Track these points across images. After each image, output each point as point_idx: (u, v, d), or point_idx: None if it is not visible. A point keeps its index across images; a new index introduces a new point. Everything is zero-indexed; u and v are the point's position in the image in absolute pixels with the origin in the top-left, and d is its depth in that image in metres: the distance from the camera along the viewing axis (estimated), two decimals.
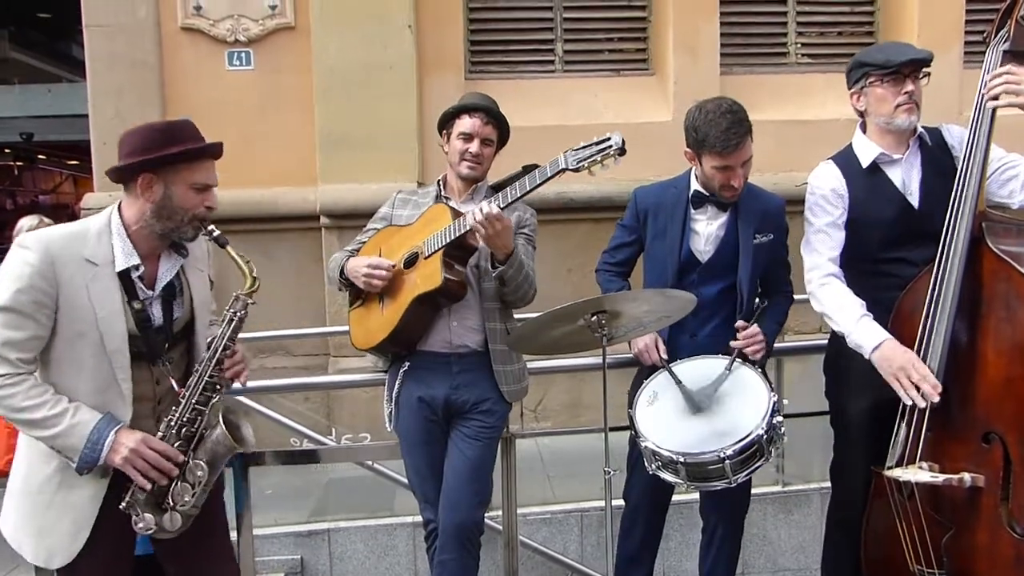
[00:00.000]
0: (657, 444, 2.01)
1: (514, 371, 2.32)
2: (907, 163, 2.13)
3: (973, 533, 1.91)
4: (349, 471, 3.48)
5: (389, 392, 2.34)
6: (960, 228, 1.92)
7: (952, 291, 1.90)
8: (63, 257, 1.71)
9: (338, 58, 4.50)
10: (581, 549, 3.40)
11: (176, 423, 1.79)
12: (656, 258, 2.34)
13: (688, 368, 2.20)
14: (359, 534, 3.35)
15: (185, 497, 1.77)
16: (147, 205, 1.77)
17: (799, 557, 3.49)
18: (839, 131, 2.62)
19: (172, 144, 1.76)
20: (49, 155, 11.70)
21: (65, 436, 1.68)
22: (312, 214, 4.59)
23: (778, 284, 2.40)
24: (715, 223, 2.29)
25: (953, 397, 1.92)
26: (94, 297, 1.72)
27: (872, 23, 5.12)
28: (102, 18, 4.57)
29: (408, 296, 2.18)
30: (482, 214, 2.03)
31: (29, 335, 1.68)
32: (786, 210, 2.40)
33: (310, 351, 4.69)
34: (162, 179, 1.75)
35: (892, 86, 2.08)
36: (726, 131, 2.13)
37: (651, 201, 2.36)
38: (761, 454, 1.99)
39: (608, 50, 4.99)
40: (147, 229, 1.78)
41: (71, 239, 1.75)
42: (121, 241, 1.77)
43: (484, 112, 2.28)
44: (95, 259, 1.74)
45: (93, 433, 1.69)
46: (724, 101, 2.21)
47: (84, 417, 1.70)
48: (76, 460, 1.70)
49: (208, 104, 4.62)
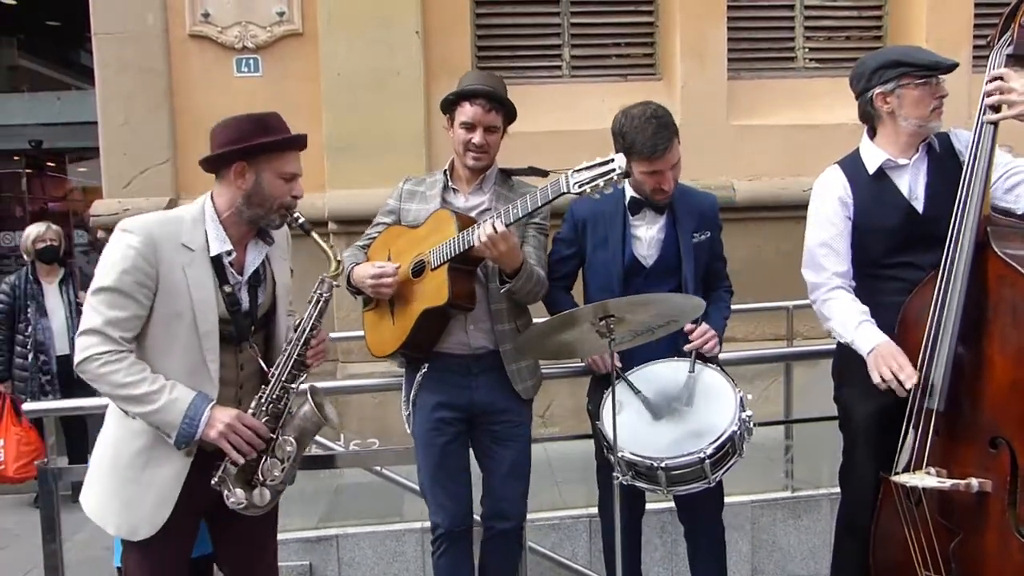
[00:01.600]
0: (634, 452, 1.98)
1: (528, 367, 2.30)
2: (914, 168, 2.12)
3: (981, 538, 1.90)
4: (358, 477, 3.47)
5: (406, 395, 2.33)
6: (965, 233, 1.92)
7: (957, 296, 1.90)
8: (163, 241, 1.79)
9: (346, 64, 4.52)
10: (590, 555, 3.39)
11: (266, 401, 1.87)
12: (599, 267, 2.34)
13: (646, 374, 2.20)
14: (368, 540, 3.35)
15: (275, 472, 1.84)
16: (239, 192, 1.84)
17: (809, 563, 3.48)
18: (846, 136, 2.61)
19: (264, 134, 1.85)
20: (58, 162, 11.79)
21: (164, 412, 1.74)
22: (320, 220, 4.59)
23: (718, 279, 2.43)
24: (654, 227, 2.30)
25: (960, 402, 1.92)
26: (191, 280, 1.80)
27: (880, 27, 5.11)
28: (111, 26, 4.60)
29: (417, 308, 2.16)
30: (486, 236, 2.00)
31: (131, 314, 1.76)
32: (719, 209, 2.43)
33: None
34: (254, 168, 1.84)
35: (930, 88, 2.07)
36: (652, 136, 2.14)
37: (587, 212, 2.35)
38: (735, 451, 2.00)
39: (615, 55, 5.00)
40: (237, 216, 1.86)
41: (170, 224, 1.83)
42: (215, 227, 1.85)
43: (485, 98, 2.19)
44: (191, 244, 1.82)
45: (190, 409, 1.76)
46: (649, 106, 2.21)
47: (181, 394, 1.77)
48: (174, 435, 1.76)
49: (216, 111, 4.59)
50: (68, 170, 12.12)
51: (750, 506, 3.43)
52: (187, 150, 4.68)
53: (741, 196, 4.72)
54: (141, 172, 4.65)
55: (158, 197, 4.63)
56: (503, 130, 2.27)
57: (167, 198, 4.61)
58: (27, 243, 4.70)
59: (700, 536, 2.43)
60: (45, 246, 4.66)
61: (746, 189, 4.74)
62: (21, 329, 4.64)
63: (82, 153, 10.93)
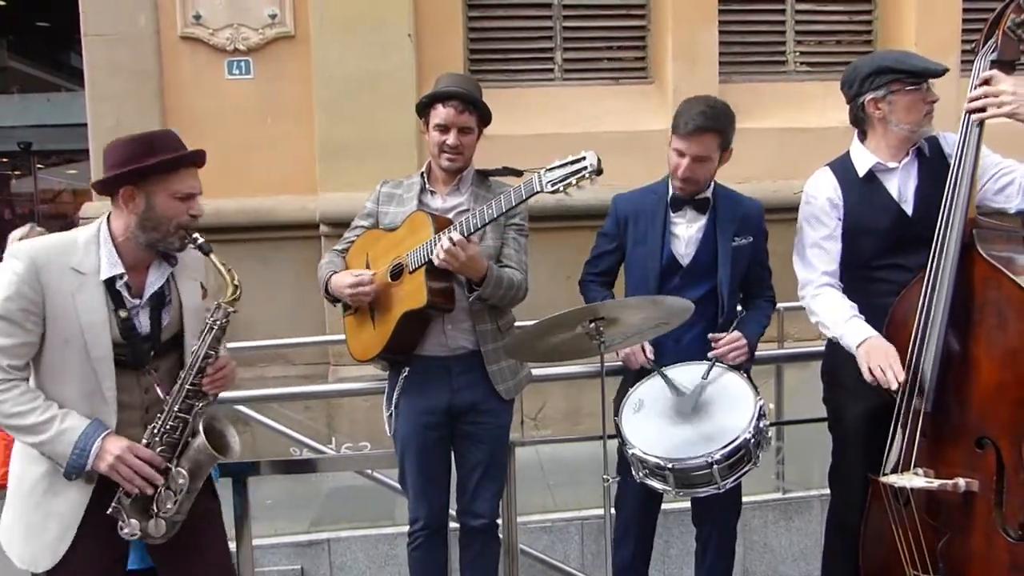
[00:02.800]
0: (644, 451, 2.00)
1: (509, 367, 2.30)
2: (904, 171, 2.14)
3: (968, 538, 1.92)
4: (349, 480, 3.46)
5: (389, 398, 2.34)
6: (951, 235, 1.93)
7: (944, 298, 1.91)
8: (49, 266, 1.75)
9: (338, 67, 4.52)
10: (582, 557, 3.39)
11: (160, 430, 1.81)
12: (638, 264, 2.34)
13: (673, 373, 2.20)
14: (359, 543, 3.34)
15: (167, 504, 1.79)
16: (131, 217, 1.79)
17: (800, 564, 3.49)
18: (838, 139, 2.63)
19: (150, 155, 1.78)
20: (48, 164, 11.72)
21: (53, 442, 1.72)
22: (312, 222, 4.59)
23: (760, 288, 2.40)
24: (694, 226, 2.30)
25: (947, 403, 1.93)
26: (79, 305, 1.75)
27: (870, 32, 5.15)
28: (101, 27, 4.58)
29: (397, 311, 2.17)
30: (443, 251, 2.00)
31: (19, 342, 1.72)
32: (765, 215, 2.41)
33: (310, 360, 4.69)
34: (143, 190, 1.78)
35: (921, 94, 2.09)
36: (692, 116, 2.15)
37: (630, 207, 2.36)
38: (749, 459, 1.99)
39: (607, 58, 5.01)
40: (134, 240, 1.81)
41: (58, 248, 1.79)
42: (108, 251, 1.80)
43: (458, 99, 2.18)
44: (81, 268, 1.77)
45: (80, 440, 1.72)
46: (713, 99, 2.23)
47: (72, 423, 1.73)
48: (64, 466, 1.73)
49: (208, 113, 4.63)
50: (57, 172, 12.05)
51: (741, 507, 3.44)
52: None
53: None
54: None
55: None
56: (478, 132, 2.27)
57: None
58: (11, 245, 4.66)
59: (711, 540, 2.43)
60: None
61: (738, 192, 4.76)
62: None
63: (72, 155, 10.87)
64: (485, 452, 2.31)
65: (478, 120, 2.24)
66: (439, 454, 2.31)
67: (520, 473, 2.63)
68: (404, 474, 2.35)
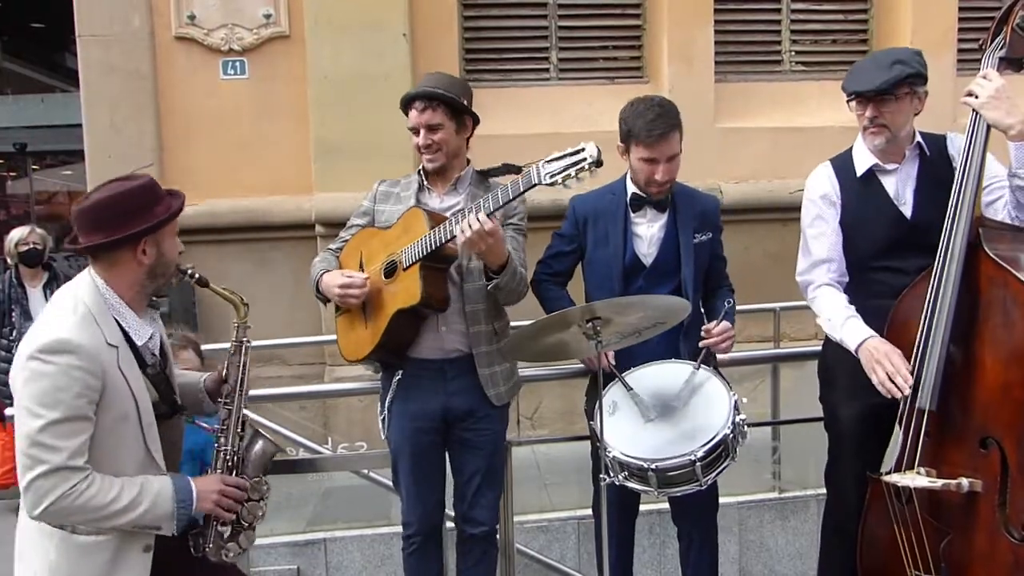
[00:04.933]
0: (624, 453, 1.98)
1: (502, 372, 2.27)
2: (903, 172, 2.13)
3: (971, 538, 1.90)
4: (346, 480, 3.46)
5: (382, 401, 2.32)
6: (957, 233, 1.91)
7: (949, 297, 1.90)
8: (98, 348, 1.67)
9: (333, 67, 4.51)
10: (578, 556, 3.39)
11: (228, 454, 1.85)
12: (600, 264, 2.34)
13: (645, 374, 2.20)
14: (356, 543, 3.34)
15: (257, 512, 1.86)
16: (141, 269, 1.74)
17: (796, 563, 3.49)
18: (833, 138, 2.63)
19: (156, 202, 1.74)
20: (43, 166, 11.69)
21: (154, 509, 1.68)
22: (307, 223, 4.59)
23: (720, 278, 2.45)
24: (655, 225, 2.31)
25: (951, 402, 1.92)
26: (128, 374, 1.70)
27: (866, 31, 5.16)
28: (96, 28, 4.56)
29: (390, 309, 2.13)
30: (471, 230, 1.94)
31: (88, 435, 1.64)
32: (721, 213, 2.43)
33: (306, 360, 4.68)
34: (153, 240, 1.74)
35: (858, 108, 2.09)
36: (651, 122, 2.16)
37: (589, 208, 2.36)
38: (727, 454, 1.99)
39: (603, 58, 5.01)
40: (141, 293, 1.77)
41: (90, 330, 1.68)
42: (129, 315, 1.75)
43: (419, 99, 2.19)
44: (114, 341, 1.70)
45: (178, 493, 1.71)
46: (655, 98, 2.25)
47: (159, 485, 1.71)
48: (173, 524, 1.71)
49: (203, 113, 4.62)
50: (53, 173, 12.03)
51: (738, 507, 3.45)
52: (173, 153, 4.66)
53: (728, 198, 4.73)
54: None
55: None
56: (457, 126, 2.22)
57: None
58: (10, 246, 4.64)
59: (693, 537, 2.43)
60: (28, 249, 4.60)
61: (733, 191, 4.77)
62: (6, 333, 4.58)
63: (67, 156, 10.84)
64: (482, 459, 2.28)
65: (449, 115, 2.20)
66: (433, 458, 2.29)
67: (516, 472, 2.62)
68: (397, 477, 2.34)
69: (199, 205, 4.64)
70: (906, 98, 2.05)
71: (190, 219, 4.60)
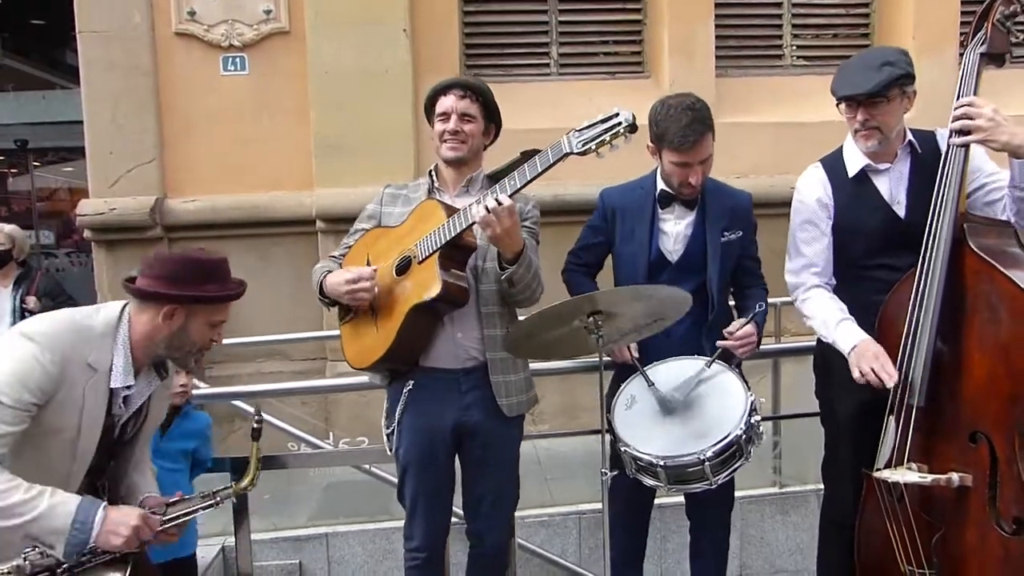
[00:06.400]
0: (636, 448, 1.99)
1: (516, 381, 2.17)
2: (895, 172, 2.12)
3: (962, 532, 1.91)
4: (347, 475, 3.47)
5: (390, 413, 2.18)
6: (942, 230, 1.92)
7: (936, 293, 1.91)
8: (73, 359, 1.65)
9: (333, 62, 4.50)
10: (579, 551, 3.40)
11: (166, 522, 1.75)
12: (626, 260, 2.32)
13: (664, 369, 2.19)
14: (357, 538, 3.35)
15: None
16: (161, 330, 1.73)
17: (796, 558, 3.50)
18: (834, 133, 2.62)
19: (209, 282, 1.73)
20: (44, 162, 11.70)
21: (46, 518, 1.58)
22: (308, 218, 4.59)
23: (752, 279, 2.40)
24: (683, 222, 2.28)
25: (940, 398, 1.93)
26: (87, 402, 1.67)
27: (867, 25, 5.14)
28: (96, 24, 4.56)
29: (404, 307, 2.00)
30: (487, 209, 1.85)
31: (17, 431, 1.59)
32: (755, 209, 2.39)
33: (307, 355, 4.69)
34: (186, 311, 1.73)
35: (848, 111, 2.07)
36: (685, 127, 2.12)
37: (618, 202, 2.35)
38: (740, 454, 1.99)
39: (603, 53, 5.01)
40: (150, 350, 1.75)
41: (78, 337, 1.68)
42: (124, 356, 1.72)
43: (458, 87, 2.13)
44: (96, 365, 1.68)
45: (79, 513, 1.60)
46: (688, 98, 2.18)
47: (64, 498, 1.61)
48: (61, 544, 1.59)
49: (203, 109, 4.62)
50: (54, 170, 12.03)
51: (738, 502, 3.40)
52: (174, 149, 4.66)
53: None
54: (128, 171, 4.62)
55: (144, 196, 4.60)
56: (484, 126, 2.18)
57: (153, 197, 4.58)
58: None
59: (704, 532, 2.43)
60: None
61: (734, 187, 4.76)
62: None
63: (68, 153, 10.84)
64: (496, 480, 2.19)
65: (483, 112, 2.16)
66: (443, 475, 2.18)
67: None
68: (403, 492, 2.21)
69: (200, 200, 4.65)
70: (897, 99, 2.03)
71: (191, 215, 4.64)
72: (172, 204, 4.63)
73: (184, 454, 2.39)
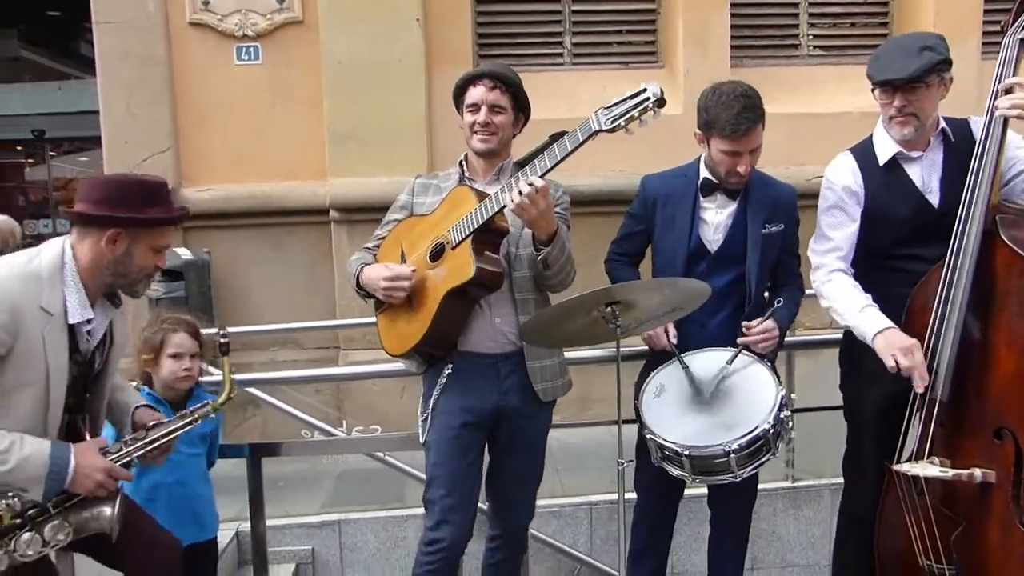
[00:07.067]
0: (662, 436, 1.99)
1: (551, 367, 2.18)
2: (928, 160, 2.09)
3: (984, 529, 1.90)
4: (360, 463, 3.49)
5: (426, 399, 2.18)
6: (973, 221, 1.89)
7: (964, 285, 1.88)
8: (25, 307, 1.63)
9: (346, 52, 4.50)
10: (590, 542, 3.40)
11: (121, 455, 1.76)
12: (665, 248, 2.30)
13: (696, 359, 2.18)
14: (370, 525, 3.37)
15: (29, 551, 1.67)
16: (105, 257, 1.72)
17: (808, 553, 3.48)
18: (851, 124, 2.60)
19: (151, 206, 1.73)
20: (60, 152, 11.82)
21: (20, 469, 1.61)
22: (322, 208, 4.60)
23: (788, 276, 2.36)
24: (724, 212, 2.25)
25: (966, 392, 1.91)
26: (49, 348, 1.65)
27: (886, 13, 5.07)
28: (111, 14, 4.58)
29: (439, 293, 2.01)
30: (523, 194, 1.85)
31: None
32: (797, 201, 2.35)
33: (320, 344, 4.71)
34: (129, 235, 1.72)
35: (884, 97, 2.04)
36: (737, 115, 2.09)
37: (660, 189, 2.32)
38: (768, 448, 1.97)
39: (617, 42, 4.97)
40: (98, 277, 1.74)
41: (28, 284, 1.66)
42: (76, 291, 1.71)
43: (488, 77, 2.13)
44: (50, 308, 1.67)
45: (53, 463, 1.63)
46: (740, 85, 2.16)
47: (36, 446, 1.63)
48: (40, 490, 1.63)
49: (217, 99, 4.64)
50: (70, 159, 12.13)
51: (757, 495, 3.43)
52: (188, 138, 4.68)
53: None
54: (143, 160, 4.64)
55: None
56: (514, 117, 2.17)
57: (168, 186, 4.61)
58: None
59: (724, 525, 2.42)
60: None
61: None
62: None
63: (83, 143, 10.93)
64: (523, 461, 2.21)
65: (512, 103, 2.15)
66: (477, 469, 2.18)
67: None
68: (432, 483, 2.15)
69: (215, 190, 4.67)
70: (935, 85, 2.00)
71: (205, 204, 4.66)
72: (187, 193, 4.65)
73: (202, 437, 2.40)
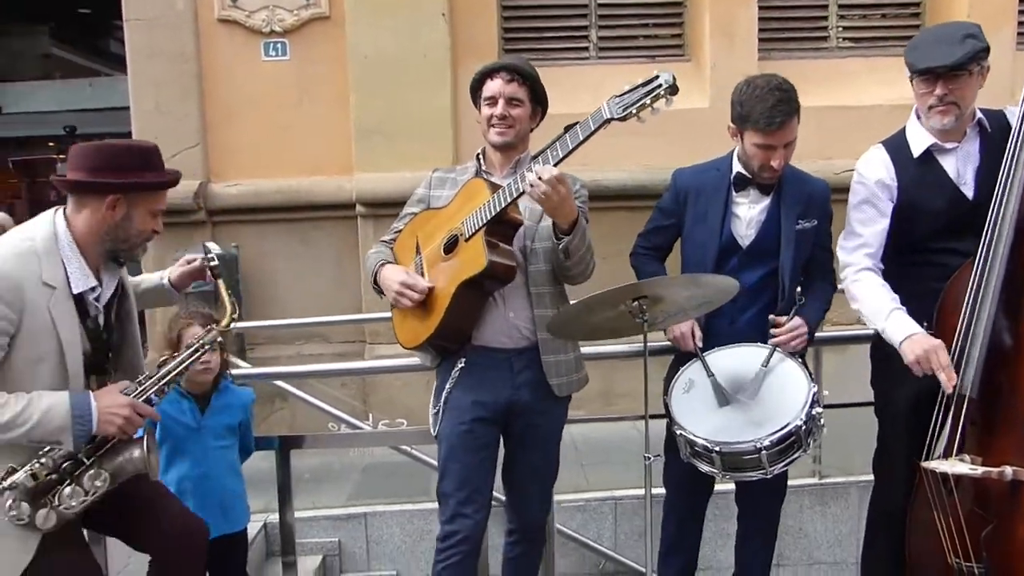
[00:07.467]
0: (692, 432, 1.99)
1: (566, 361, 2.17)
2: (963, 152, 2.05)
3: (1015, 527, 1.87)
4: (386, 456, 3.52)
5: (438, 392, 2.17)
6: (1005, 215, 1.86)
7: (995, 281, 1.85)
8: (26, 281, 1.65)
9: (372, 47, 4.52)
10: (615, 537, 3.41)
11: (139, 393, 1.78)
12: (696, 242, 2.28)
13: (726, 356, 2.16)
14: (395, 518, 3.40)
15: (72, 502, 1.70)
16: (104, 223, 1.74)
17: (835, 550, 3.45)
18: (881, 117, 2.56)
19: (147, 170, 1.75)
20: None
21: (45, 423, 1.63)
22: (348, 203, 4.64)
23: (820, 272, 2.33)
24: (757, 207, 2.23)
25: (997, 390, 1.88)
26: (57, 321, 1.67)
27: (918, 4, 4.96)
28: (141, 11, 4.65)
29: (452, 284, 2.01)
30: (543, 181, 1.84)
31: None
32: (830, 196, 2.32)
33: (346, 338, 4.75)
34: (127, 201, 1.74)
35: (924, 85, 2.00)
36: (772, 108, 2.07)
37: (692, 183, 2.30)
38: (799, 446, 1.96)
39: (643, 36, 4.93)
40: (97, 244, 1.76)
41: (27, 263, 1.67)
42: (76, 260, 1.73)
43: (505, 70, 2.12)
44: (52, 282, 1.68)
45: (76, 408, 1.65)
46: (775, 78, 2.14)
47: (53, 399, 1.65)
48: (70, 438, 1.65)
49: (245, 95, 4.69)
50: None
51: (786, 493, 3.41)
52: (217, 134, 4.74)
53: None
54: (172, 156, 4.70)
55: (189, 180, 4.66)
56: (532, 110, 2.17)
57: (197, 182, 4.67)
58: None
59: (752, 521, 2.41)
60: None
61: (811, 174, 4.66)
62: None
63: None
64: (538, 457, 2.21)
65: (530, 96, 2.15)
66: (490, 463, 2.16)
67: None
68: (444, 477, 2.14)
69: (243, 185, 4.73)
70: (976, 74, 1.97)
71: (234, 199, 4.72)
72: (215, 188, 4.71)
73: (230, 429, 2.41)
